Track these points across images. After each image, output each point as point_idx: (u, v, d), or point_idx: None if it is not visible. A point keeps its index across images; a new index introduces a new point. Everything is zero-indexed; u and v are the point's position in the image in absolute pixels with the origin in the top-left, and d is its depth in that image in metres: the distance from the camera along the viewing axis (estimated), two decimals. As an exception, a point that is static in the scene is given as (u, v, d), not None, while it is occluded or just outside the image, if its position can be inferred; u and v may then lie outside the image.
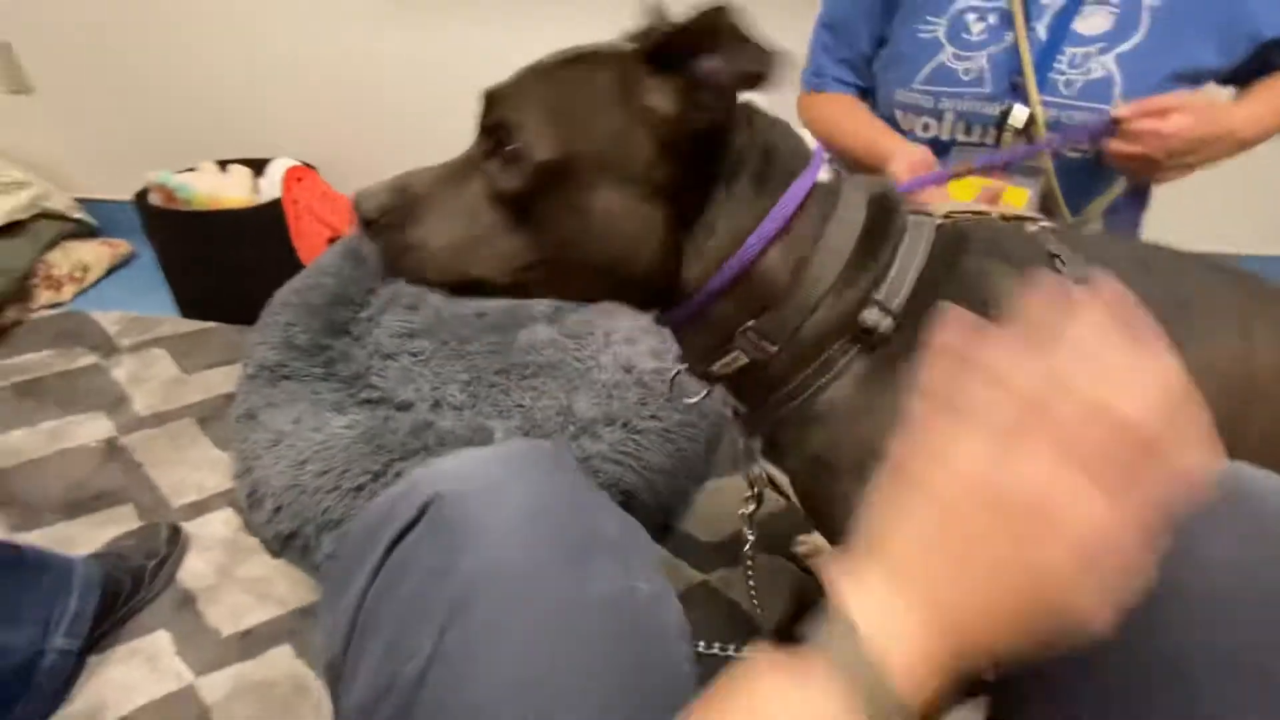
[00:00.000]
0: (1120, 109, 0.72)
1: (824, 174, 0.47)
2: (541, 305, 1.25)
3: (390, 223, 0.45)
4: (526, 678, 0.38)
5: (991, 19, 0.78)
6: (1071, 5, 0.75)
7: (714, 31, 0.39)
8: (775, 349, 0.45)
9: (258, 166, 1.55)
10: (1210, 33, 0.73)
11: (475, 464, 0.45)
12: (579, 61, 0.45)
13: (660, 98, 0.42)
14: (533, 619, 0.39)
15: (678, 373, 0.54)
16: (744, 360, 0.47)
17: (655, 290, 0.46)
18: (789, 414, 0.48)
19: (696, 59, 0.41)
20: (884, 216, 0.46)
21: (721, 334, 0.46)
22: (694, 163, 0.43)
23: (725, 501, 1.05)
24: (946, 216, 0.49)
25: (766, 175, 0.45)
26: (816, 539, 0.92)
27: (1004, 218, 0.52)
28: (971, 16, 0.78)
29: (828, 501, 0.49)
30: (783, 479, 0.55)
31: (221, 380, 1.31)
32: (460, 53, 1.59)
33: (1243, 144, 0.74)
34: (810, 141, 0.50)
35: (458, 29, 1.56)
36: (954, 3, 0.79)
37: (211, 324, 1.48)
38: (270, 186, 1.48)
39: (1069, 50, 0.75)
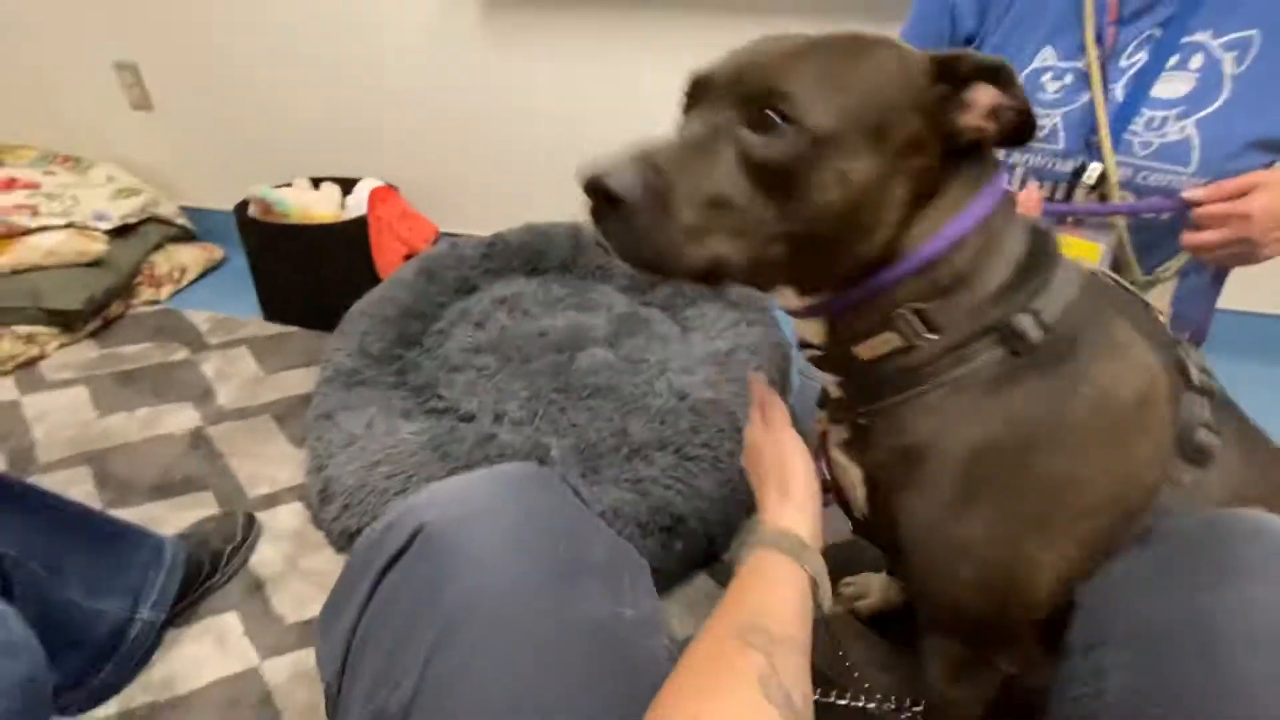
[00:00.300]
0: (1193, 191, 0.71)
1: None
2: (601, 329, 1.30)
3: (645, 200, 0.42)
4: (508, 705, 0.39)
5: (1069, 79, 0.79)
6: (1152, 69, 0.75)
7: (1005, 74, 0.46)
8: (933, 335, 0.48)
9: (346, 185, 1.66)
10: None
11: (464, 490, 0.48)
12: (857, 42, 0.46)
13: (954, 105, 0.46)
14: (516, 645, 0.41)
15: (809, 356, 0.56)
16: (895, 343, 0.49)
17: (866, 264, 0.48)
18: (900, 401, 0.50)
19: (971, 84, 0.46)
20: (1042, 243, 0.51)
21: (884, 315, 0.48)
22: (938, 152, 0.47)
23: (771, 535, 1.06)
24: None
25: (977, 175, 0.49)
26: (864, 580, 0.91)
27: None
28: (1048, 76, 0.80)
29: (902, 495, 0.51)
30: (852, 478, 0.56)
31: (299, 381, 1.40)
32: (542, 80, 1.68)
33: None
34: None
35: (541, 56, 1.65)
36: (1031, 63, 0.81)
37: (293, 328, 1.59)
38: (356, 204, 1.59)
39: (1146, 113, 0.75)
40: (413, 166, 1.78)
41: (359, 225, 1.53)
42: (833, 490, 0.61)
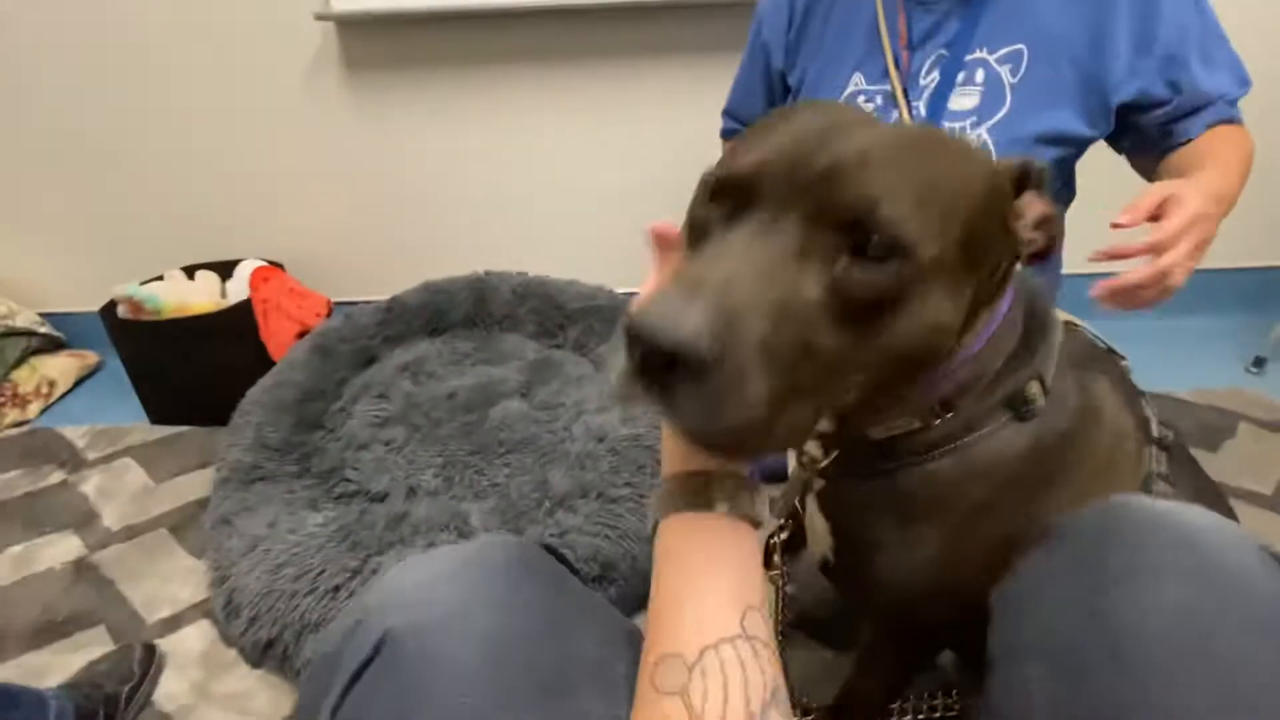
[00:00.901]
0: (1121, 215, 0.62)
1: None
2: (512, 381, 1.27)
3: (718, 365, 0.30)
4: None
5: (879, 100, 0.85)
6: (945, 86, 0.82)
7: (1046, 183, 0.43)
8: (949, 414, 0.47)
9: (226, 270, 1.58)
10: (1066, 101, 0.79)
11: (431, 586, 0.41)
12: (945, 146, 0.40)
13: (1030, 218, 0.43)
14: None
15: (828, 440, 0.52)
16: (913, 425, 0.48)
17: (925, 370, 0.43)
18: (897, 468, 0.49)
19: (1028, 196, 0.43)
20: (1036, 305, 0.51)
21: (914, 411, 0.48)
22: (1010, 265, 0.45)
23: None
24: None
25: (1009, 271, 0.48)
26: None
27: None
28: (862, 99, 0.86)
29: (892, 552, 0.51)
30: (818, 527, 0.56)
31: (195, 486, 1.30)
32: (416, 137, 1.65)
33: (1232, 201, 0.70)
34: None
35: (416, 125, 1.63)
36: (846, 88, 0.87)
37: (183, 428, 1.48)
38: (238, 289, 1.51)
39: (946, 125, 0.82)
40: (296, 241, 1.71)
41: (243, 310, 1.45)
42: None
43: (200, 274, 1.57)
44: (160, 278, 1.54)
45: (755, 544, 0.40)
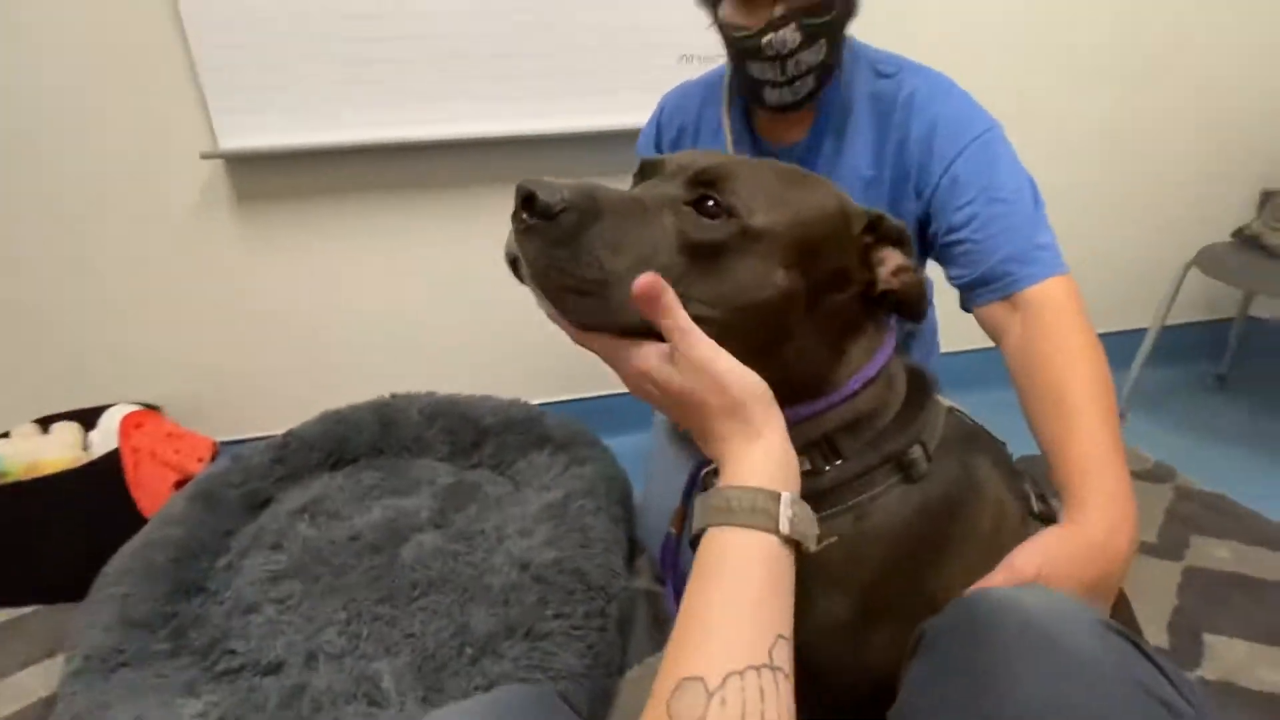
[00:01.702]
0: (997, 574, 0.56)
1: None
2: (424, 511, 1.18)
3: (568, 220, 0.43)
4: None
5: None
6: None
7: (910, 246, 0.54)
8: (839, 461, 0.52)
9: (89, 418, 1.42)
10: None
11: None
12: (806, 175, 0.52)
13: (876, 251, 0.54)
14: None
15: (706, 472, 0.59)
16: (805, 467, 0.50)
17: (800, 388, 0.51)
18: None
19: (885, 246, 0.54)
20: (919, 379, 0.58)
21: (803, 442, 0.51)
22: (858, 295, 0.53)
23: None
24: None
25: (882, 324, 0.56)
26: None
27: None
28: None
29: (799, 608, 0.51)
30: None
31: (40, 681, 1.09)
32: (312, 276, 1.61)
33: (1133, 543, 0.59)
34: None
35: (308, 255, 1.59)
36: None
37: (29, 609, 1.26)
38: (104, 439, 1.35)
39: None
40: (176, 381, 1.58)
41: (108, 463, 1.29)
42: None
43: (58, 426, 1.40)
44: (6, 434, 1.36)
45: (793, 568, 0.42)
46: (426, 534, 1.12)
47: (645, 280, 0.42)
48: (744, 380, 0.44)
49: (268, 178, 1.50)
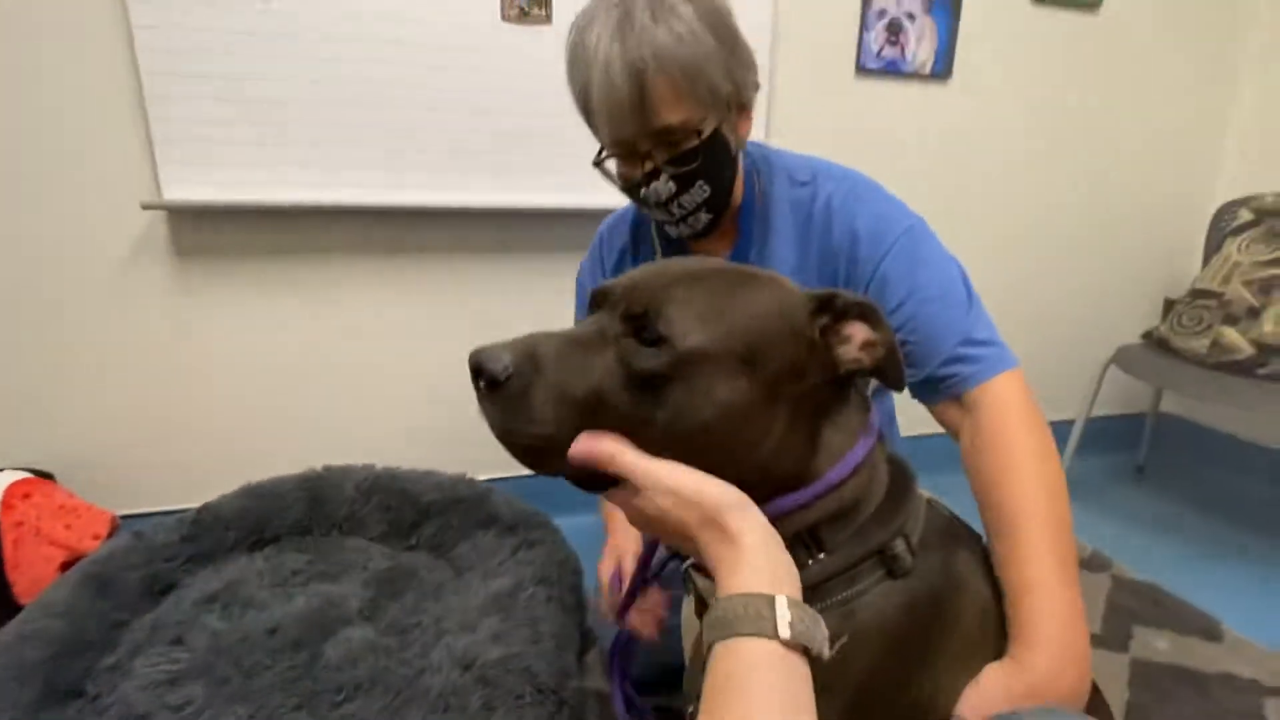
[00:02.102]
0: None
1: None
2: (355, 600, 1.07)
3: (516, 384, 0.45)
4: None
5: None
6: None
7: (872, 313, 0.52)
8: (821, 555, 0.52)
9: (-36, 486, 1.25)
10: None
11: None
12: (741, 276, 0.52)
13: (833, 338, 0.53)
14: None
15: (686, 567, 0.59)
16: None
17: (777, 483, 0.51)
18: None
19: (846, 322, 0.52)
20: (900, 470, 0.58)
21: (786, 536, 0.49)
22: (823, 380, 0.52)
23: (604, 809, 0.88)
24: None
25: (861, 407, 0.55)
26: None
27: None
28: None
29: None
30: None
31: None
32: (245, 338, 1.51)
33: (1082, 680, 0.57)
34: None
35: (241, 315, 1.50)
36: None
37: None
38: (-20, 510, 1.19)
39: None
40: (79, 443, 1.43)
41: (-18, 540, 1.13)
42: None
43: (-76, 495, 1.22)
44: None
45: (809, 677, 0.41)
46: (356, 627, 1.01)
47: (574, 453, 0.46)
48: (712, 491, 0.46)
49: (209, 233, 1.43)
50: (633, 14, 0.69)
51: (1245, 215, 1.97)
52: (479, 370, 0.46)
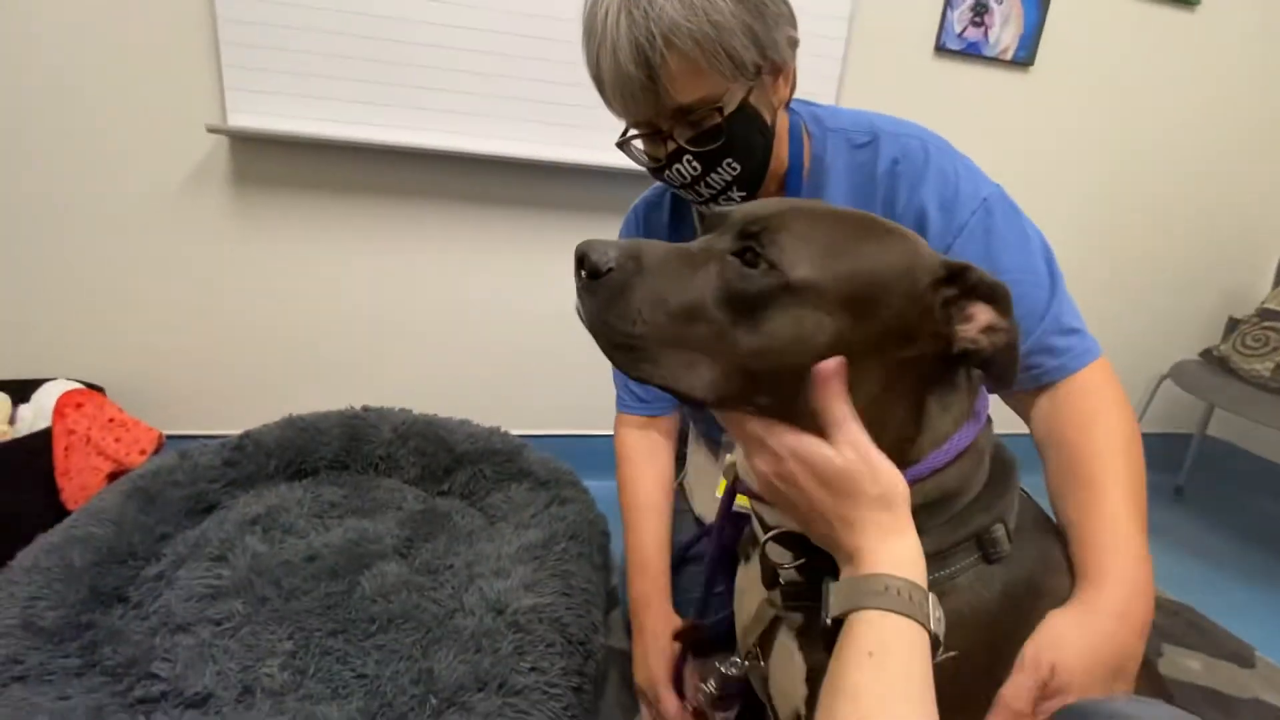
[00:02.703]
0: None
1: None
2: (389, 538, 1.09)
3: (616, 278, 0.45)
4: None
5: None
6: None
7: (1003, 298, 0.47)
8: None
9: (23, 390, 1.28)
10: None
11: None
12: (872, 224, 0.49)
13: (957, 313, 0.48)
14: None
15: (768, 540, 0.54)
16: None
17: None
18: None
19: (974, 301, 0.48)
20: (1001, 454, 0.55)
21: None
22: (932, 352, 0.48)
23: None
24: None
25: (970, 391, 0.52)
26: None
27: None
28: None
29: None
30: (794, 672, 0.54)
31: (-94, 690, 0.93)
32: (299, 270, 1.52)
33: (1149, 611, 0.58)
34: None
35: (297, 248, 1.51)
36: None
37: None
38: (36, 414, 1.22)
39: None
40: (128, 361, 1.45)
41: (35, 443, 1.16)
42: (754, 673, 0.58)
43: (-16, 395, 1.26)
44: (-78, 398, 1.22)
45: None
46: (390, 563, 1.03)
47: (830, 365, 0.44)
48: (893, 474, 0.45)
49: (270, 163, 1.43)
50: None
51: (1326, 237, 1.88)
52: (583, 260, 0.45)
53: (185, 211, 1.42)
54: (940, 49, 1.69)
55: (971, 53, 1.72)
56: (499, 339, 1.69)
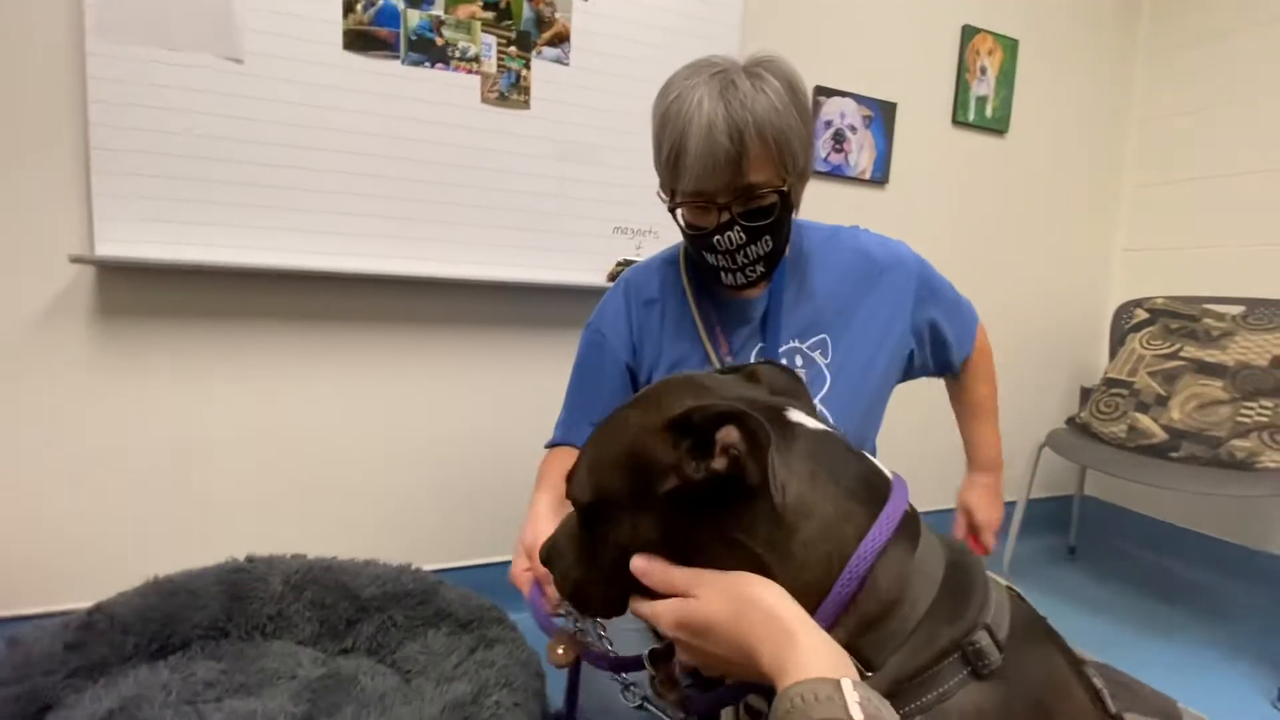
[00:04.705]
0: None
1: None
2: (283, 717, 0.91)
3: (550, 564, 0.58)
4: None
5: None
6: None
7: (741, 419, 0.46)
8: (870, 674, 0.46)
9: None
10: (875, 363, 0.93)
11: None
12: (612, 421, 0.54)
13: (679, 456, 0.47)
14: None
15: (689, 686, 0.57)
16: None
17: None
18: None
19: (723, 429, 0.46)
20: (958, 560, 0.51)
21: None
22: (716, 491, 0.47)
23: None
24: None
25: (857, 492, 0.49)
26: None
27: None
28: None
29: None
30: None
31: None
32: (166, 410, 1.37)
33: (1000, 465, 1.16)
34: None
35: (162, 385, 1.36)
36: (676, 366, 0.93)
37: None
38: None
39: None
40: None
41: None
42: None
43: None
44: None
45: None
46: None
47: (637, 564, 0.50)
48: (761, 584, 0.46)
49: (137, 292, 1.31)
50: (736, 81, 0.79)
51: (1141, 314, 2.19)
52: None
53: (33, 346, 1.26)
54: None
55: (836, 174, 1.95)
56: (401, 465, 1.58)
